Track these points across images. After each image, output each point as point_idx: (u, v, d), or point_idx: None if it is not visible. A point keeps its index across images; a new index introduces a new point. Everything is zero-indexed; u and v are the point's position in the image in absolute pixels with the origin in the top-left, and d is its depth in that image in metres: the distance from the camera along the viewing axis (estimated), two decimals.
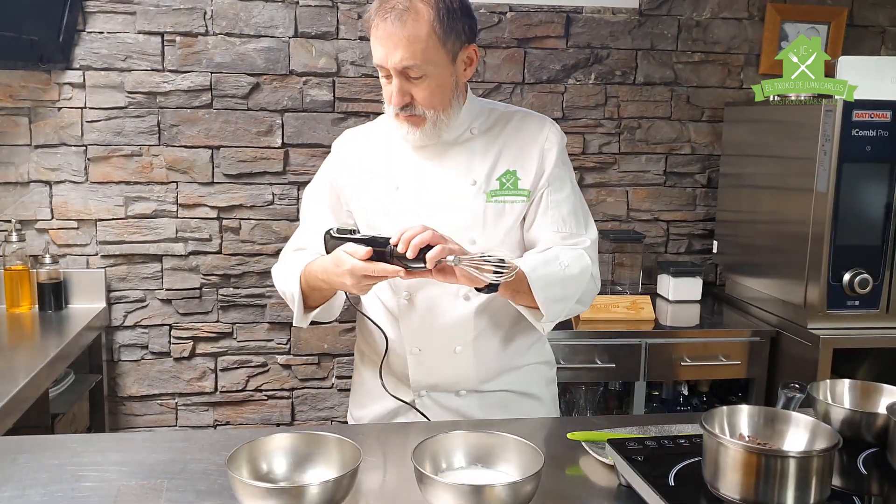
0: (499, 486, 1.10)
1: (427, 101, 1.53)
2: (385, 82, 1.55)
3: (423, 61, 1.49)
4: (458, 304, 1.61)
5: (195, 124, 2.76)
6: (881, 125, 2.36)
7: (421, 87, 1.52)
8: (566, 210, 1.64)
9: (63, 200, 2.72)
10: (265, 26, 2.75)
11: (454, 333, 1.63)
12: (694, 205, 3.12)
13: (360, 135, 1.76)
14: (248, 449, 1.20)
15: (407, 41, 1.46)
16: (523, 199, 1.62)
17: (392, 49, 1.47)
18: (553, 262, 1.56)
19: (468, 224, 1.59)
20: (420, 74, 1.50)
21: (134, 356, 2.84)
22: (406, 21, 1.46)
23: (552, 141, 1.65)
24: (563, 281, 1.56)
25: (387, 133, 1.67)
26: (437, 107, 1.54)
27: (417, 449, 1.19)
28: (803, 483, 1.08)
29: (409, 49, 1.47)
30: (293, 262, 1.65)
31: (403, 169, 1.64)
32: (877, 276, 2.43)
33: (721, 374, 2.69)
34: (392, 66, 1.49)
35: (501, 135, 1.65)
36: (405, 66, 1.48)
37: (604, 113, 3.00)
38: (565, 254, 1.59)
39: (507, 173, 1.62)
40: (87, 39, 2.66)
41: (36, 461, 1.35)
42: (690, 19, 3.00)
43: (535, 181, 1.62)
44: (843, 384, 1.50)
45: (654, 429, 1.45)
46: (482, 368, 1.66)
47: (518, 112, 1.69)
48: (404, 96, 1.52)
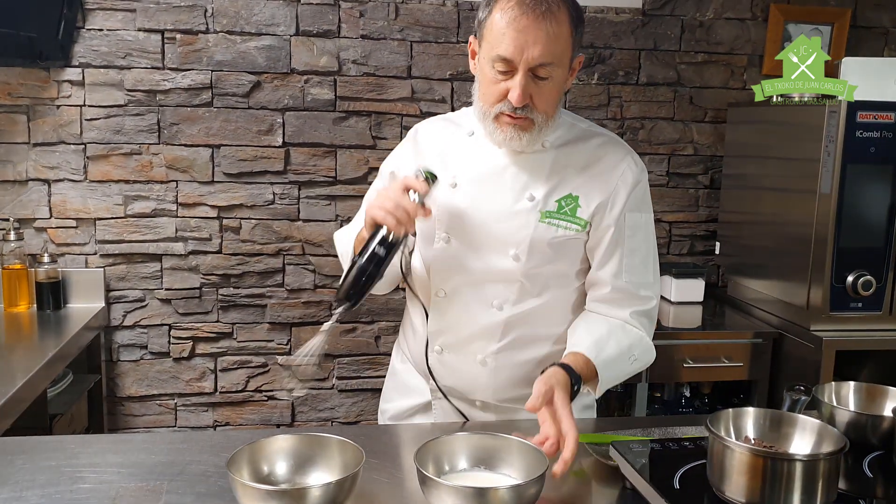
0: (502, 488, 1.09)
1: (545, 104, 1.47)
2: (498, 78, 1.46)
3: (557, 61, 1.43)
4: (489, 312, 1.57)
5: (195, 123, 2.74)
6: (885, 126, 2.35)
7: (544, 89, 1.46)
8: (638, 260, 1.58)
9: (62, 199, 2.71)
10: (266, 24, 2.73)
11: (479, 342, 1.59)
12: (696, 206, 3.11)
13: (439, 125, 1.70)
14: (248, 450, 1.19)
15: (549, 38, 1.40)
16: (578, 229, 1.55)
17: (532, 42, 1.40)
18: (625, 355, 1.53)
19: (515, 239, 1.54)
20: (548, 75, 1.44)
21: (133, 356, 2.83)
22: (552, 17, 1.40)
23: (627, 178, 1.56)
24: (627, 375, 1.56)
25: (460, 130, 1.64)
26: (549, 111, 1.49)
27: (420, 451, 1.18)
28: (810, 487, 1.07)
29: (550, 46, 1.41)
30: (350, 232, 1.67)
31: (466, 167, 1.59)
32: (880, 278, 2.42)
33: (723, 375, 2.68)
34: (526, 61, 1.41)
35: (574, 155, 1.57)
36: (542, 62, 1.41)
37: (607, 113, 2.99)
38: (638, 345, 1.56)
39: (569, 197, 1.55)
40: (87, 37, 2.65)
41: (33, 462, 1.34)
42: (694, 20, 2.99)
43: (596, 214, 1.55)
44: (848, 386, 1.50)
45: (658, 431, 1.44)
46: (501, 382, 1.61)
47: (601, 135, 1.62)
48: (527, 96, 1.44)
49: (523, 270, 1.54)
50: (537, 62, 1.41)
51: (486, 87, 1.49)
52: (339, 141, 2.82)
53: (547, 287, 1.58)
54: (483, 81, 1.50)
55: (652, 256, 1.63)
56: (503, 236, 1.54)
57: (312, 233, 2.85)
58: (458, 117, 1.70)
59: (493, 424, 1.57)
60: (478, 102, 1.53)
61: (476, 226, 1.55)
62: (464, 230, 1.56)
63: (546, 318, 1.60)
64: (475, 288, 1.57)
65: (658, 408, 2.80)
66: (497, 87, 1.46)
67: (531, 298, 1.58)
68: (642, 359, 1.58)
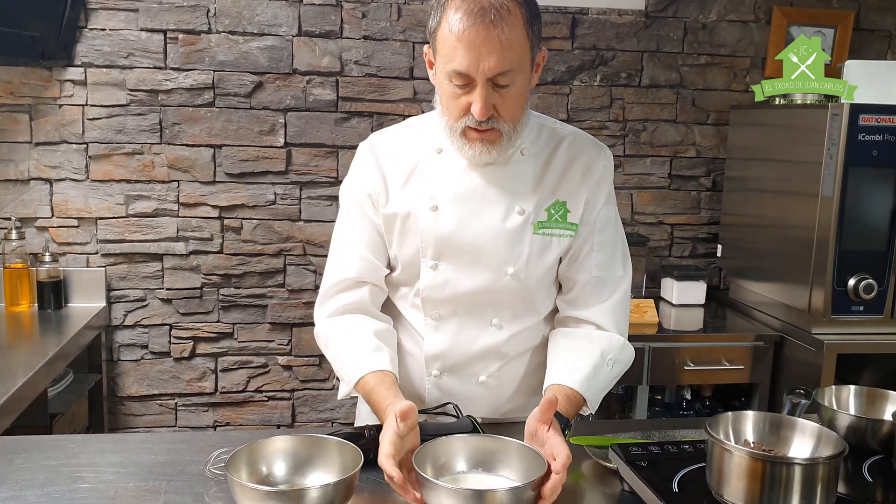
0: (501, 490, 1.09)
1: (509, 112, 1.39)
2: (458, 93, 1.37)
3: (517, 67, 1.34)
4: (488, 332, 1.53)
5: (197, 123, 2.74)
6: (888, 129, 2.34)
7: (506, 97, 1.37)
8: (608, 254, 1.54)
9: (63, 198, 2.71)
10: (268, 24, 2.73)
11: (480, 362, 1.54)
12: (698, 208, 3.11)
13: (394, 140, 1.57)
14: (247, 451, 1.19)
15: (503, 46, 1.31)
16: (571, 235, 1.51)
17: (486, 54, 1.31)
18: (601, 366, 1.48)
19: (512, 257, 1.48)
20: (509, 82, 1.35)
21: (134, 356, 2.83)
22: (503, 22, 1.30)
23: (605, 176, 1.53)
24: (613, 379, 1.52)
25: (425, 144, 1.53)
26: (515, 118, 1.41)
27: (419, 452, 1.17)
28: (809, 490, 1.07)
29: (506, 54, 1.32)
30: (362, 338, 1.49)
31: (443, 187, 1.50)
32: (882, 282, 2.42)
33: (724, 378, 2.67)
34: (482, 73, 1.32)
35: (554, 159, 1.51)
36: (499, 71, 1.33)
37: (609, 115, 2.98)
38: (609, 348, 1.50)
39: (557, 204, 1.50)
40: (89, 36, 2.65)
41: (33, 462, 1.34)
42: (696, 22, 2.98)
43: (584, 216, 1.51)
44: (848, 390, 1.49)
45: (658, 434, 1.43)
46: (503, 399, 1.58)
47: (569, 133, 1.55)
48: (489, 108, 1.36)
49: (523, 287, 1.50)
50: (494, 72, 1.33)
51: (447, 102, 1.41)
52: (340, 141, 2.82)
53: (545, 300, 1.56)
54: (444, 95, 1.42)
55: (620, 248, 1.58)
56: (498, 255, 1.48)
57: (314, 233, 2.85)
58: (418, 126, 1.58)
59: (492, 427, 1.56)
60: (442, 116, 1.45)
61: (466, 248, 1.48)
62: (453, 254, 1.49)
63: (546, 328, 1.59)
64: (473, 310, 1.52)
65: (659, 410, 2.80)
66: (458, 102, 1.38)
67: (531, 314, 1.55)
68: (620, 359, 1.53)
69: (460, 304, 1.52)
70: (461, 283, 1.50)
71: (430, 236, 1.49)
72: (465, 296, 1.51)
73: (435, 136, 1.53)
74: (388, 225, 1.54)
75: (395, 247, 1.54)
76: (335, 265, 1.57)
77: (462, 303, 1.52)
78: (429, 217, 1.49)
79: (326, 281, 1.58)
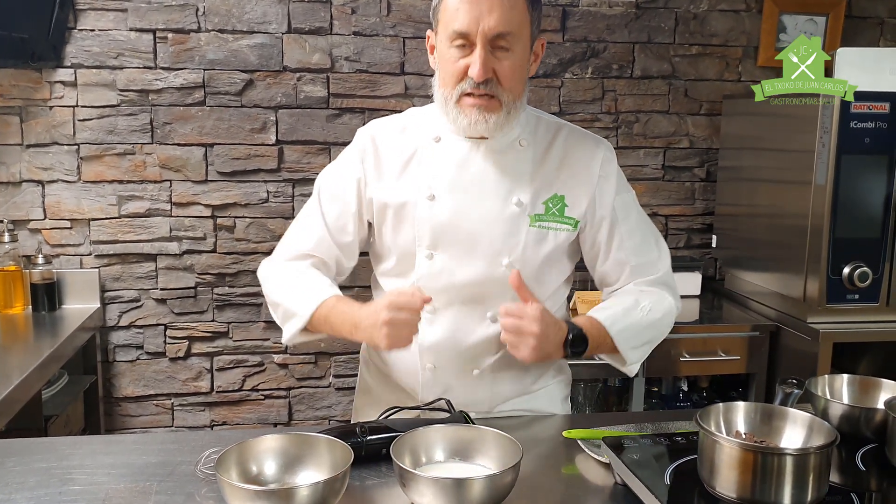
0: (478, 478, 1.09)
1: (509, 79, 1.40)
2: (457, 56, 1.40)
3: (516, 31, 1.38)
4: (483, 325, 1.53)
5: (188, 122, 2.73)
6: (880, 117, 2.33)
7: (506, 63, 1.39)
8: (638, 239, 1.56)
9: (56, 200, 2.70)
10: (258, 22, 2.72)
11: (475, 355, 1.54)
12: (693, 199, 3.10)
13: (394, 128, 1.58)
14: (237, 451, 1.18)
15: (503, 5, 1.35)
16: (569, 229, 1.52)
17: (486, 12, 1.34)
18: (633, 309, 1.50)
19: (507, 248, 1.49)
20: (508, 46, 1.38)
21: (129, 356, 2.82)
22: None
23: (608, 169, 1.54)
24: (647, 327, 1.53)
25: (423, 133, 1.54)
26: (515, 91, 1.42)
27: (396, 444, 1.17)
28: (801, 481, 1.07)
29: (507, 14, 1.35)
30: (306, 278, 1.56)
31: (440, 176, 1.51)
32: (876, 270, 2.41)
33: (721, 369, 2.67)
34: (483, 32, 1.35)
35: (551, 152, 1.53)
36: (499, 31, 1.36)
37: (601, 107, 2.98)
38: (645, 298, 1.53)
39: (555, 198, 1.51)
40: (79, 37, 2.64)
41: (24, 464, 1.33)
42: (688, 12, 2.97)
43: (586, 211, 1.53)
44: (841, 379, 1.49)
45: (651, 426, 1.43)
46: (498, 393, 1.58)
47: (566, 127, 1.57)
48: (488, 70, 1.37)
49: None
50: (495, 31, 1.36)
51: (445, 70, 1.43)
52: (332, 138, 2.81)
53: (539, 295, 1.54)
54: (443, 66, 1.44)
55: (650, 230, 1.61)
56: (494, 245, 1.49)
57: None
58: (414, 118, 1.59)
59: (486, 424, 1.55)
60: (439, 91, 1.47)
61: (462, 237, 1.49)
62: (449, 244, 1.50)
63: None
64: (467, 301, 1.52)
65: (655, 402, 2.80)
66: (457, 66, 1.40)
67: None
68: (657, 308, 1.53)
69: (456, 296, 1.52)
70: (457, 273, 1.51)
71: (427, 225, 1.50)
72: (461, 286, 1.51)
73: (433, 125, 1.54)
74: (380, 216, 1.55)
75: (390, 237, 1.56)
76: (293, 236, 1.64)
77: (457, 294, 1.52)
78: (425, 206, 1.50)
79: (280, 247, 1.64)
